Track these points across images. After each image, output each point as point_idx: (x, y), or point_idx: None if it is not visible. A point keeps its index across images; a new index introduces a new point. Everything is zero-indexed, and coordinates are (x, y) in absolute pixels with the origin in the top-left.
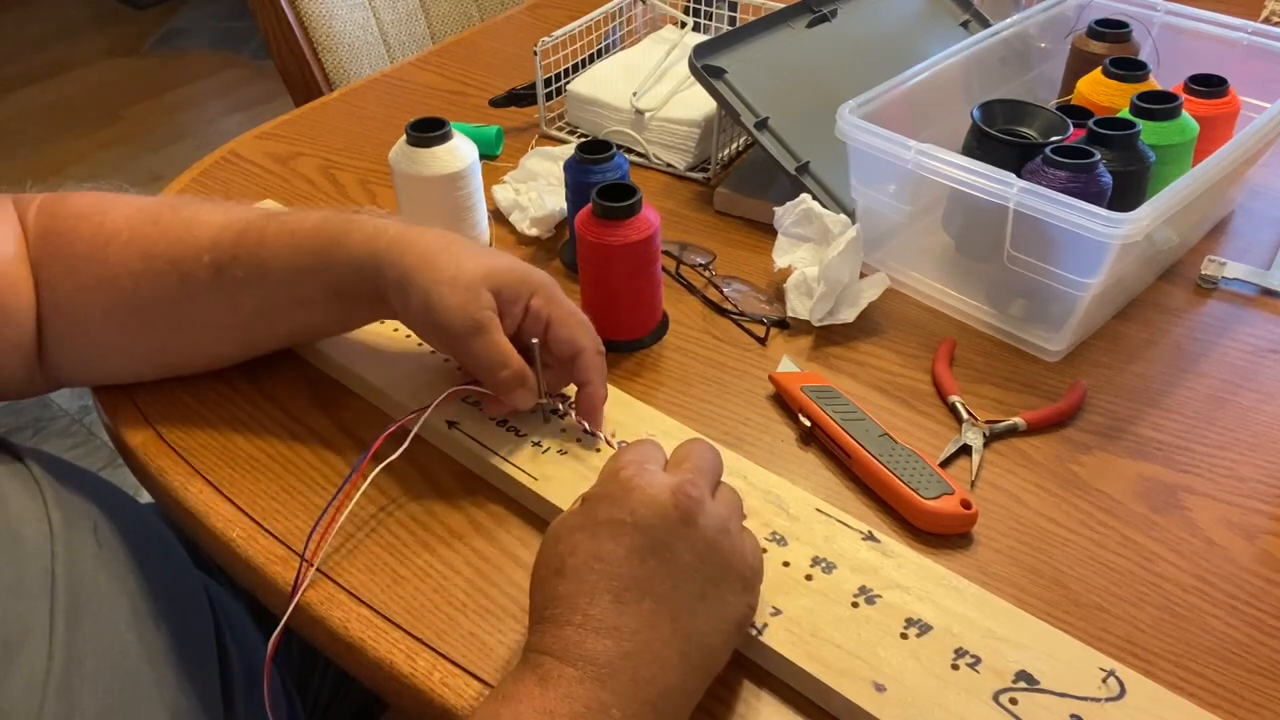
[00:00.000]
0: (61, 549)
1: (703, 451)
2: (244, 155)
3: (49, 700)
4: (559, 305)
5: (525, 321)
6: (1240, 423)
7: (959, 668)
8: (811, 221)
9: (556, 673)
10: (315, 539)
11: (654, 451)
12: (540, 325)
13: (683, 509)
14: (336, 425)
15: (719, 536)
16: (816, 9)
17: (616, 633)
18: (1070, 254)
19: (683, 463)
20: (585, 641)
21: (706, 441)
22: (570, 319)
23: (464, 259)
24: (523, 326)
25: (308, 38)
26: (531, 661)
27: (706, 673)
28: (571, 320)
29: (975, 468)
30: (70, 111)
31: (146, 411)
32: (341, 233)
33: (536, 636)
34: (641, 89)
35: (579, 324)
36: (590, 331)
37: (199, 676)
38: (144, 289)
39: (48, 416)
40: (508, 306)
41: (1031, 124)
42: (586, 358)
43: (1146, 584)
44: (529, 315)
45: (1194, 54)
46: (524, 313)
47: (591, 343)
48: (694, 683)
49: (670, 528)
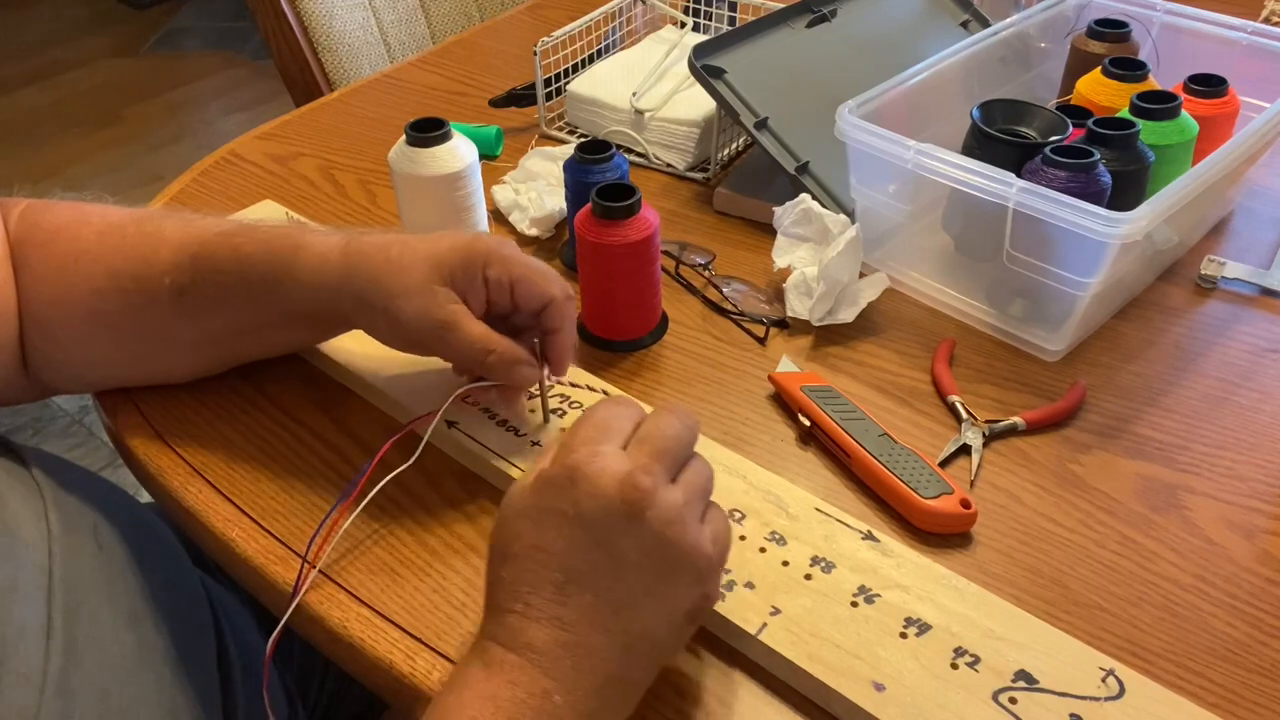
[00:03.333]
0: (60, 549)
1: (666, 430)
2: (244, 155)
3: (46, 700)
4: (516, 264)
5: (490, 294)
6: (1240, 422)
7: (958, 667)
8: (811, 221)
9: (500, 659)
10: (318, 542)
11: (617, 425)
12: (505, 293)
13: (630, 503)
14: (337, 425)
15: (668, 530)
16: (816, 9)
17: (557, 623)
18: (1070, 254)
19: (644, 443)
20: (527, 630)
21: (678, 413)
22: (532, 274)
23: (408, 263)
24: (490, 300)
25: (308, 38)
26: (478, 647)
27: (653, 662)
28: (533, 275)
29: (975, 467)
30: (70, 111)
31: (146, 411)
32: (289, 262)
33: (485, 620)
34: (641, 89)
35: (542, 275)
36: (556, 279)
37: (199, 677)
38: (110, 305)
39: (48, 416)
40: (467, 287)
41: (1031, 124)
42: (556, 305)
43: (1146, 583)
44: (490, 287)
45: (1194, 54)
46: (485, 286)
47: (560, 290)
48: (638, 673)
49: (615, 523)
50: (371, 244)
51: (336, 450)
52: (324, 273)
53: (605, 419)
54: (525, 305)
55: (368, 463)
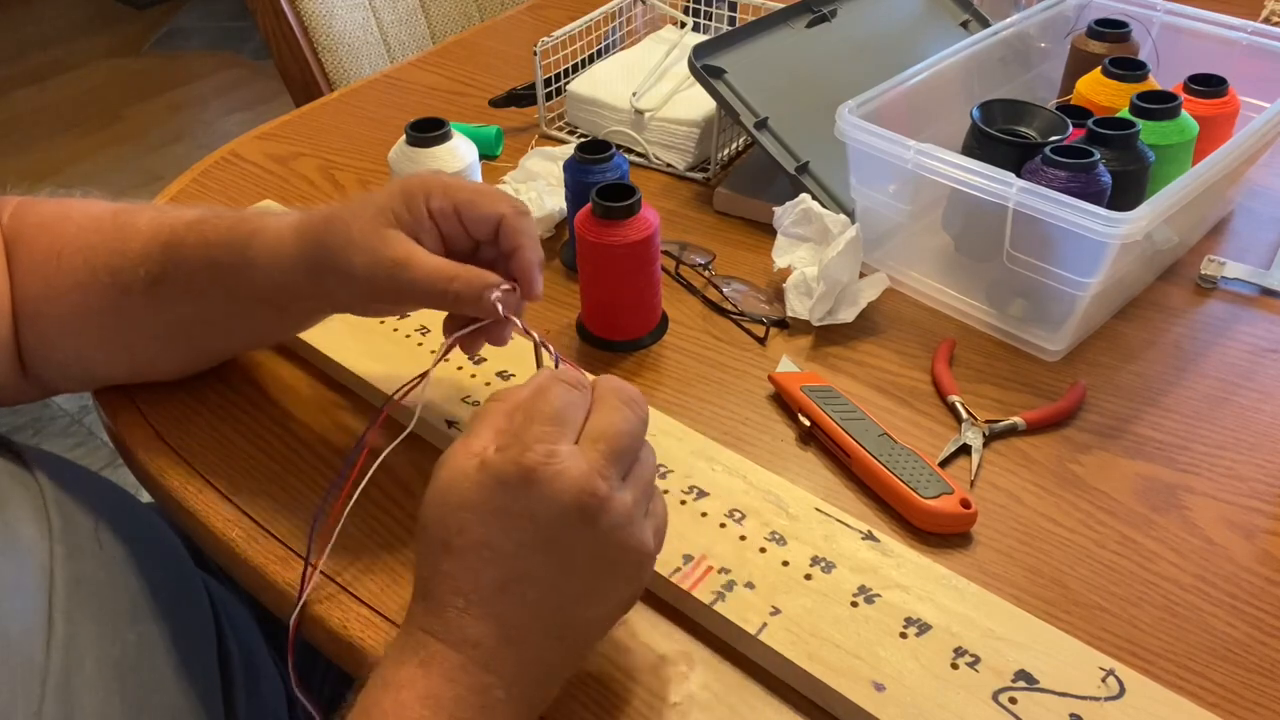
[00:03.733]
0: (61, 548)
1: (620, 426)
2: (244, 155)
3: (48, 700)
4: (458, 190)
5: (440, 227)
6: (1240, 422)
7: (958, 667)
8: (811, 221)
9: (439, 656)
10: (318, 539)
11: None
12: (453, 222)
13: (586, 510)
14: (336, 425)
15: (619, 533)
16: (816, 9)
17: (499, 620)
18: (1070, 253)
19: (599, 441)
20: (467, 626)
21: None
22: (476, 195)
23: (352, 220)
24: (442, 234)
25: (308, 38)
26: (413, 642)
27: (587, 647)
28: (476, 196)
29: (975, 467)
30: (70, 111)
31: (146, 411)
32: (247, 244)
33: (420, 610)
34: (641, 89)
35: (485, 195)
36: (503, 197)
37: (199, 676)
38: (91, 300)
39: (48, 416)
40: (416, 225)
41: (1031, 124)
42: (508, 222)
43: (1146, 583)
44: (437, 218)
45: (1194, 54)
46: (433, 219)
47: (510, 206)
48: (574, 660)
49: (569, 528)
50: (321, 213)
51: (337, 450)
52: (279, 250)
53: (559, 411)
54: (476, 230)
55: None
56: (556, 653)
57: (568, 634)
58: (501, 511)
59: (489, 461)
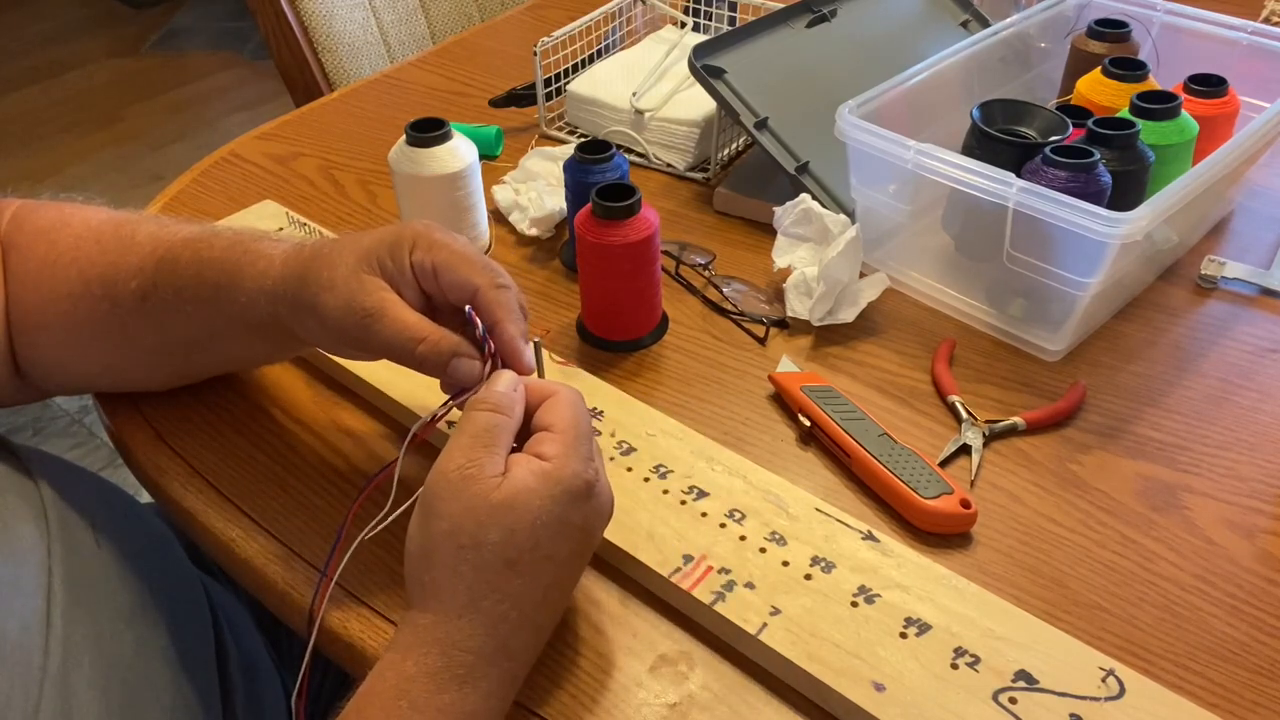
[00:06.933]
0: (59, 548)
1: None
2: (244, 155)
3: (46, 699)
4: (440, 248)
5: (419, 282)
6: (1240, 422)
7: (958, 667)
8: (811, 221)
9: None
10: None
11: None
12: (431, 280)
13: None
14: (336, 426)
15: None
16: (816, 9)
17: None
18: (1070, 254)
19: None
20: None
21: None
22: (454, 259)
23: (337, 260)
24: (423, 289)
25: (308, 38)
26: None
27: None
28: (455, 260)
29: (975, 467)
30: (70, 111)
31: (146, 411)
32: (238, 267)
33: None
34: (641, 89)
35: (465, 261)
36: (485, 266)
37: (197, 675)
38: (81, 311)
39: (48, 416)
40: (398, 278)
41: (1031, 124)
42: (484, 295)
43: (1146, 583)
44: (417, 273)
45: (1194, 54)
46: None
47: (487, 278)
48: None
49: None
50: (312, 246)
51: (336, 450)
52: (265, 279)
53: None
54: (452, 295)
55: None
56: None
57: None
58: (568, 523)
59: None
